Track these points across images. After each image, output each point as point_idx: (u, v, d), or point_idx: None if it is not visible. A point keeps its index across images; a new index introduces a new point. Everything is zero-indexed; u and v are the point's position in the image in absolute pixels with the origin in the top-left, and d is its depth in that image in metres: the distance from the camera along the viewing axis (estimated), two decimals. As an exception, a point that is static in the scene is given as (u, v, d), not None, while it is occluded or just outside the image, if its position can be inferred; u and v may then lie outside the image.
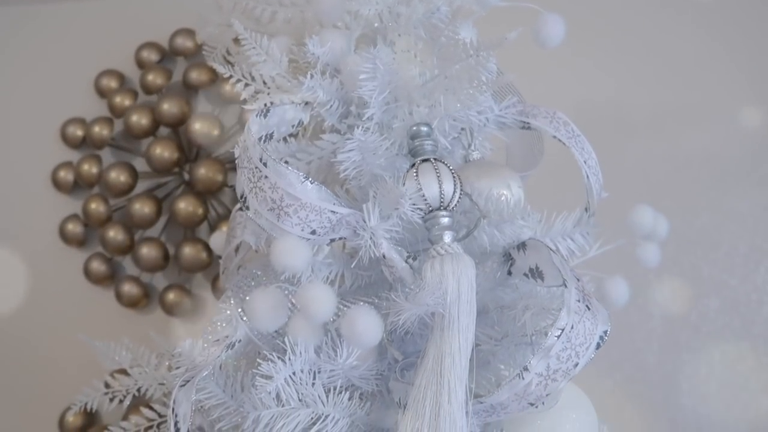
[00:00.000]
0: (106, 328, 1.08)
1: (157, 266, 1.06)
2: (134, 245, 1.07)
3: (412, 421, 0.42)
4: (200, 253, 1.05)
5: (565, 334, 0.42)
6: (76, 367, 1.10)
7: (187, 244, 1.06)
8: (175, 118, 1.05)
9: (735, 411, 1.00)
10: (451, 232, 0.47)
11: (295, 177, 0.45)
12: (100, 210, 1.08)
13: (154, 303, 1.10)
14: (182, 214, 1.04)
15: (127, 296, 1.08)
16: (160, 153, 1.04)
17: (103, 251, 1.09)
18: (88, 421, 1.06)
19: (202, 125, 1.04)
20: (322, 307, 0.41)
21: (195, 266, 1.06)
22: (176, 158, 1.05)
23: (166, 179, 1.11)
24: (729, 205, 1.04)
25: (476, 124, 0.55)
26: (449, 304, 0.43)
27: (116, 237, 1.07)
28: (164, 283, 1.10)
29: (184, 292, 1.07)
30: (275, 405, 0.46)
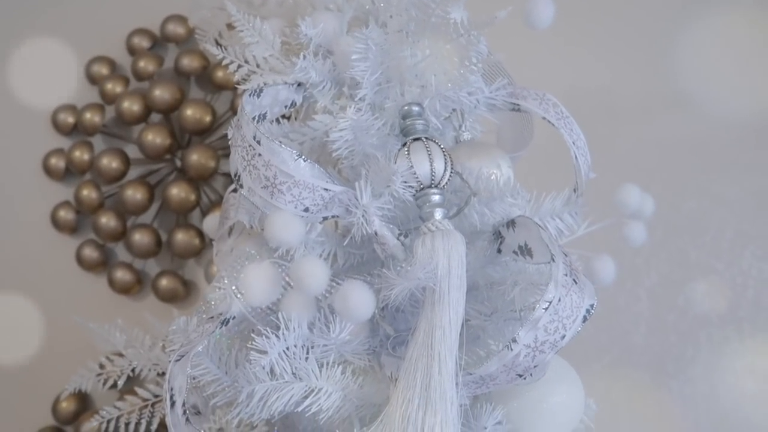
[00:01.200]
0: (99, 314, 1.08)
1: (149, 252, 1.07)
2: (127, 231, 1.07)
3: (403, 392, 0.43)
4: (193, 239, 1.06)
5: (553, 307, 0.43)
6: (69, 353, 1.10)
7: (179, 230, 1.06)
8: (167, 105, 1.05)
9: (720, 392, 1.02)
10: (442, 210, 0.48)
11: (288, 154, 0.46)
12: (92, 196, 1.08)
13: (146, 289, 1.11)
14: (175, 201, 1.04)
15: (119, 282, 1.08)
16: (152, 139, 1.04)
17: (96, 238, 1.10)
18: (82, 407, 1.07)
19: (194, 111, 1.04)
20: (316, 280, 0.42)
21: (187, 252, 1.06)
22: (168, 144, 1.05)
23: (158, 166, 1.11)
24: (716, 191, 1.05)
25: (467, 105, 0.56)
26: (440, 278, 0.44)
27: (108, 223, 1.07)
28: (157, 269, 1.10)
29: (176, 278, 1.08)
30: (269, 379, 0.47)
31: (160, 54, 1.13)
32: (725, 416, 1.01)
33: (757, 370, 1.02)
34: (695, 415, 1.02)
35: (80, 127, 1.10)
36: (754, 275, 1.03)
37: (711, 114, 1.07)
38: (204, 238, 1.07)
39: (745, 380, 1.02)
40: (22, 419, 1.07)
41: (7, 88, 1.15)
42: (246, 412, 0.48)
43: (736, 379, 1.02)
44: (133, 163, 1.08)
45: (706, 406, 1.02)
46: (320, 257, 0.51)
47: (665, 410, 1.02)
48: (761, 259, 1.03)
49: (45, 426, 1.06)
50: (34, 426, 1.06)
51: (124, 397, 0.67)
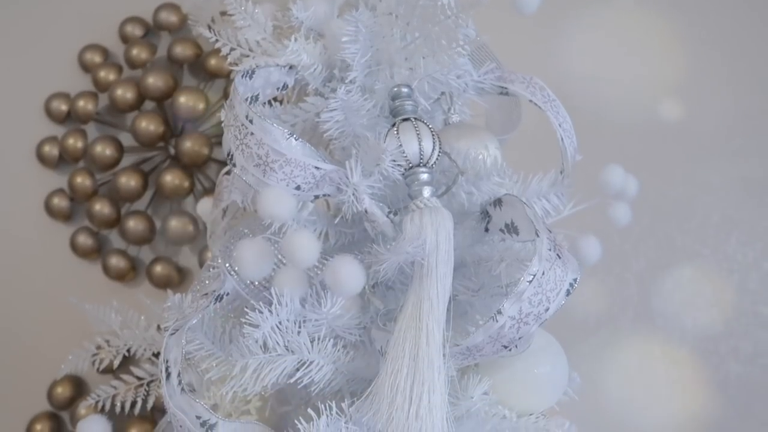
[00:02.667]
0: (94, 300, 1.09)
1: (143, 239, 1.08)
2: (121, 218, 1.08)
3: (392, 363, 0.44)
4: (187, 226, 1.06)
5: (537, 280, 0.45)
6: (64, 340, 1.11)
7: (173, 217, 1.07)
8: (161, 92, 1.06)
9: (705, 375, 1.04)
10: (430, 187, 0.49)
11: (279, 133, 0.47)
12: (86, 184, 1.09)
13: (141, 276, 1.11)
14: (168, 188, 1.05)
15: (114, 269, 1.09)
16: (145, 126, 1.05)
17: (90, 225, 1.10)
18: (77, 392, 1.08)
19: (187, 99, 1.04)
20: (307, 253, 0.43)
21: (182, 239, 1.07)
22: (162, 132, 1.06)
23: (151, 153, 1.11)
24: (702, 178, 1.07)
25: (456, 88, 0.57)
26: (428, 253, 0.45)
27: (103, 210, 1.07)
28: (151, 256, 1.11)
29: (171, 265, 1.09)
30: (262, 352, 0.48)
31: (153, 42, 1.13)
32: (711, 398, 1.03)
33: (741, 353, 1.04)
34: (681, 397, 1.04)
35: (74, 114, 1.11)
36: (738, 260, 1.05)
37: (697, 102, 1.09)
38: (198, 225, 1.08)
39: (729, 363, 1.04)
40: (17, 405, 1.08)
41: (1, 76, 1.16)
42: (240, 386, 0.50)
43: (720, 362, 1.04)
44: (126, 151, 1.09)
45: (692, 389, 1.04)
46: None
47: (652, 393, 1.04)
48: (746, 244, 1.05)
49: (40, 412, 1.07)
50: (29, 412, 1.07)
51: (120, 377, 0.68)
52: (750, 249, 1.05)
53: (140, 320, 0.70)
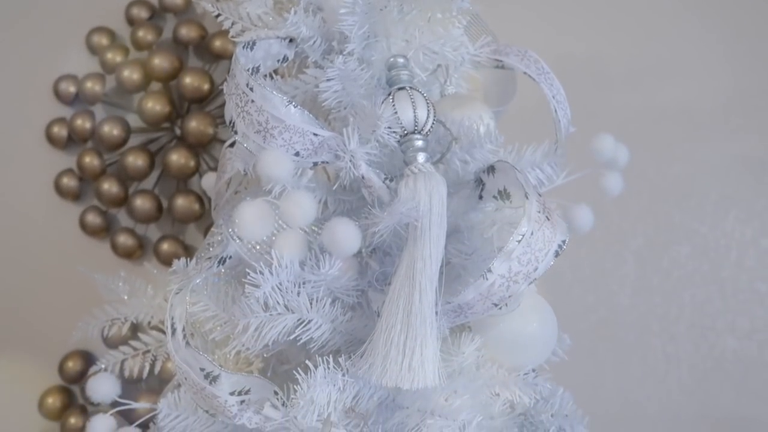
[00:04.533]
0: (100, 278, 1.12)
1: (151, 218, 1.10)
2: (128, 197, 1.11)
3: (386, 319, 0.46)
4: (193, 205, 1.09)
5: (525, 240, 0.46)
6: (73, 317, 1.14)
7: (180, 195, 1.09)
8: (166, 73, 1.08)
9: (702, 350, 1.06)
10: (425, 154, 0.51)
11: (279, 101, 0.49)
12: (94, 164, 1.11)
13: (148, 253, 1.14)
14: (175, 167, 1.07)
15: (122, 247, 1.11)
16: (152, 107, 1.07)
17: (98, 204, 1.13)
18: (87, 366, 1.11)
19: (192, 79, 1.06)
20: (304, 211, 0.45)
21: (188, 217, 1.09)
22: (168, 112, 1.08)
23: (157, 134, 1.14)
24: (701, 156, 1.08)
25: (452, 60, 0.59)
26: (421, 215, 0.47)
27: (111, 189, 1.10)
28: (158, 234, 1.14)
29: (177, 243, 1.11)
30: (263, 312, 0.50)
31: (158, 24, 1.15)
32: (707, 373, 1.05)
33: (738, 328, 1.05)
34: (678, 372, 1.06)
35: (81, 96, 1.13)
36: (736, 237, 1.06)
37: (696, 82, 1.09)
38: (204, 204, 1.10)
39: (725, 338, 1.05)
40: (29, 380, 1.11)
41: (10, 59, 1.18)
42: (242, 345, 0.52)
43: (717, 337, 1.06)
44: (133, 132, 1.11)
45: (688, 364, 1.06)
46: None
47: (650, 368, 1.06)
48: (743, 221, 1.06)
49: (52, 385, 1.11)
50: (41, 386, 1.10)
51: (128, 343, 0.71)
52: (748, 226, 1.06)
53: (147, 289, 0.72)
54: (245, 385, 0.48)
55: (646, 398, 1.06)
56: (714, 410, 1.04)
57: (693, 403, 1.05)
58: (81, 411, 1.08)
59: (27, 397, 1.11)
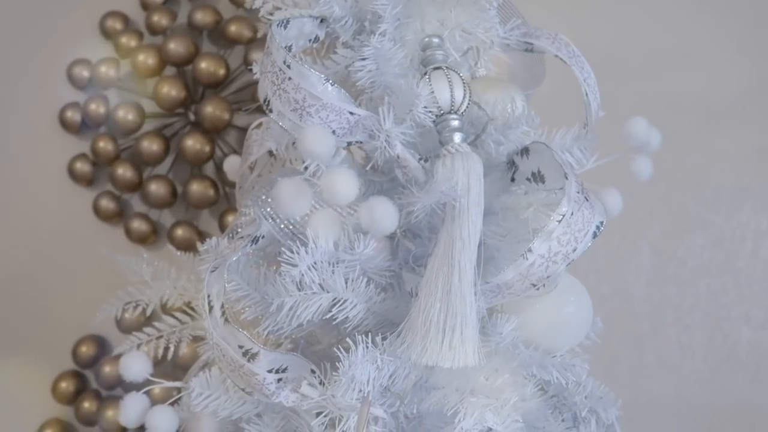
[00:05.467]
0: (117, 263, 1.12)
1: (165, 203, 1.10)
2: (143, 183, 1.10)
3: (425, 299, 0.46)
4: (207, 190, 1.08)
5: (566, 220, 0.46)
6: (87, 302, 1.14)
7: (194, 181, 1.09)
8: (182, 58, 1.07)
9: (716, 340, 1.06)
10: (461, 134, 0.51)
11: (316, 78, 0.49)
12: (108, 149, 1.10)
13: (161, 239, 1.14)
14: (190, 152, 1.07)
15: (136, 232, 1.11)
16: (167, 92, 1.06)
17: (112, 189, 1.12)
18: (101, 351, 1.11)
19: (208, 64, 1.06)
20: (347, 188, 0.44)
21: (202, 203, 1.09)
22: (183, 97, 1.07)
23: (171, 120, 1.13)
24: (717, 146, 1.08)
25: (483, 42, 0.58)
26: (459, 194, 0.47)
27: (125, 175, 1.09)
28: (172, 220, 1.13)
29: (192, 228, 1.11)
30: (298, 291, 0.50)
31: (173, 9, 1.14)
32: (721, 363, 1.05)
33: (752, 318, 1.05)
34: (692, 362, 1.06)
35: (95, 80, 1.12)
36: (752, 228, 1.06)
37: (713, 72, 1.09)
38: (218, 190, 1.10)
39: (740, 329, 1.06)
40: (43, 364, 1.11)
41: (23, 44, 1.17)
42: (275, 324, 0.52)
43: (731, 327, 1.06)
44: (147, 117, 1.10)
45: (703, 353, 1.06)
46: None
47: (664, 358, 1.06)
48: (759, 212, 1.06)
49: (65, 370, 1.10)
50: (55, 370, 1.10)
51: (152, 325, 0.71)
52: (763, 217, 1.06)
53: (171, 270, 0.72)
54: (283, 363, 0.48)
55: (661, 387, 1.06)
56: (727, 400, 1.04)
57: (707, 393, 1.05)
58: (95, 396, 1.08)
59: (40, 382, 1.11)
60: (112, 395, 1.08)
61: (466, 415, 0.46)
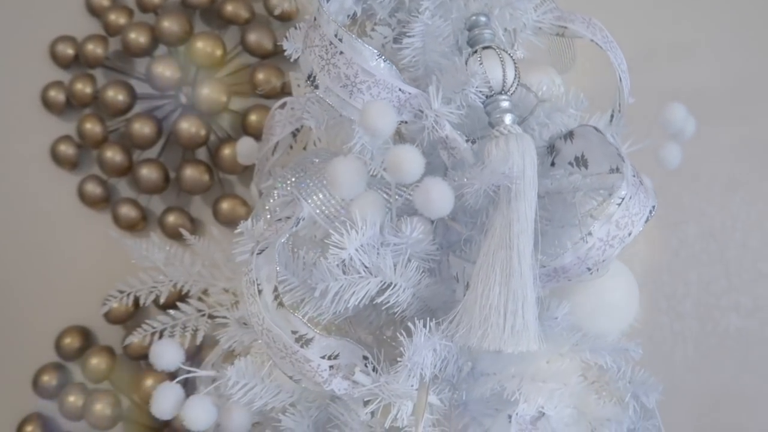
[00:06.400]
0: (104, 249, 1.07)
1: (157, 188, 1.05)
2: (132, 166, 1.06)
3: (483, 283, 0.45)
4: (202, 175, 1.05)
5: (625, 203, 0.46)
6: (71, 290, 1.09)
7: (188, 165, 1.05)
8: (176, 37, 1.03)
9: (707, 327, 1.09)
10: (512, 115, 0.50)
11: (369, 54, 0.47)
12: (95, 130, 1.05)
13: (151, 226, 1.09)
14: (185, 135, 1.03)
15: (125, 218, 1.06)
16: (161, 72, 1.02)
17: (99, 173, 1.07)
18: (86, 343, 1.06)
19: (205, 44, 1.02)
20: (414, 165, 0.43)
21: (196, 188, 1.05)
22: (178, 78, 1.03)
23: (161, 102, 1.09)
24: (710, 139, 1.09)
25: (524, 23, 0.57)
26: (515, 177, 0.46)
27: (114, 158, 1.05)
28: (161, 206, 1.09)
29: (184, 215, 1.07)
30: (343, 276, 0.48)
31: (165, -14, 1.10)
32: (712, 350, 1.08)
33: (741, 307, 1.08)
34: (684, 348, 1.08)
35: (82, 59, 1.07)
36: (742, 218, 1.09)
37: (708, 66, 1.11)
38: (213, 175, 1.06)
39: (729, 317, 1.08)
40: (24, 356, 1.06)
41: (2, 19, 1.10)
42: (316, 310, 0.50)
43: (721, 315, 1.08)
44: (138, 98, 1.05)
45: (694, 341, 1.08)
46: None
47: (657, 345, 1.08)
48: (749, 203, 1.09)
49: (48, 362, 1.05)
50: (36, 362, 1.05)
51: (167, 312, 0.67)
52: (753, 208, 1.09)
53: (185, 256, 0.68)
54: (335, 350, 0.46)
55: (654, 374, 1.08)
56: (717, 385, 1.07)
57: (698, 379, 1.08)
58: (80, 389, 1.03)
59: (21, 375, 1.05)
60: (98, 388, 1.04)
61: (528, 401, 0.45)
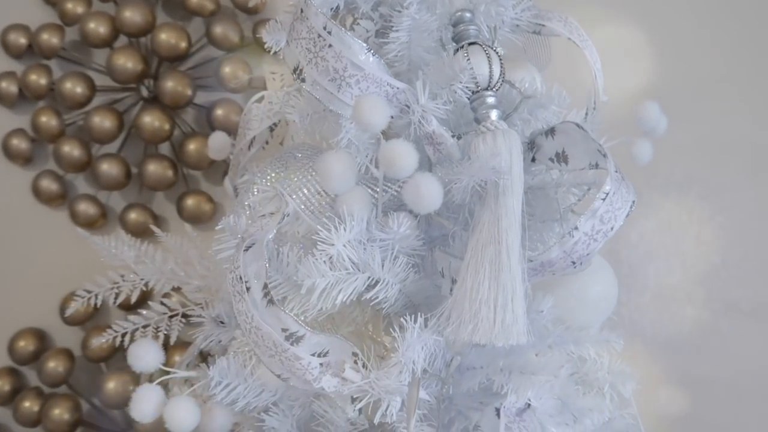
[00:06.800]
0: (61, 248, 1.03)
1: (118, 184, 1.02)
2: (92, 161, 1.02)
3: (472, 278, 0.45)
4: (166, 171, 1.02)
5: (609, 198, 0.47)
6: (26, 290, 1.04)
7: (151, 161, 1.02)
8: (138, 28, 1.00)
9: (664, 318, 1.13)
10: (498, 111, 0.50)
11: (359, 47, 0.46)
12: (51, 124, 1.01)
13: (111, 223, 1.06)
14: (148, 129, 1.00)
15: (83, 216, 1.03)
16: (123, 63, 0.98)
17: (55, 168, 1.03)
18: (41, 347, 1.02)
19: (169, 36, 0.99)
20: (407, 160, 0.43)
21: (159, 184, 1.02)
22: (141, 70, 1.00)
23: (122, 95, 1.05)
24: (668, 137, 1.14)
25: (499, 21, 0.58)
26: (504, 172, 0.46)
27: (72, 153, 1.01)
28: (121, 203, 1.06)
29: (147, 212, 1.04)
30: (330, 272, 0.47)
31: (125, -26, 1.06)
32: (668, 340, 1.12)
33: (695, 298, 1.13)
34: (643, 338, 1.12)
35: (36, 48, 1.02)
36: (697, 213, 1.13)
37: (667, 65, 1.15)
38: (177, 171, 1.03)
39: (685, 308, 1.13)
40: (-26, 360, 1.01)
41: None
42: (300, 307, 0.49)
43: (677, 306, 1.13)
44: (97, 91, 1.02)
45: (652, 330, 1.12)
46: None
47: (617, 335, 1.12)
48: (704, 198, 1.13)
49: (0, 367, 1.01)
50: (-13, 367, 1.00)
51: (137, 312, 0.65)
52: (707, 203, 1.14)
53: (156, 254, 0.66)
54: (325, 347, 0.45)
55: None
56: (673, 374, 1.11)
57: (655, 368, 1.12)
58: (36, 394, 0.99)
59: (-29, 380, 1.00)
60: (56, 393, 1.00)
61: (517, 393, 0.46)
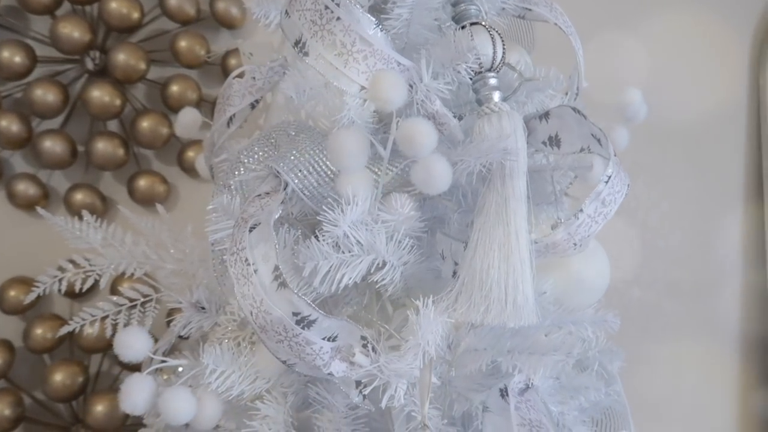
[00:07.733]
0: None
1: (62, 163, 0.95)
2: (32, 138, 0.94)
3: (480, 260, 0.45)
4: (117, 150, 0.96)
5: (611, 181, 0.48)
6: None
7: (100, 138, 0.95)
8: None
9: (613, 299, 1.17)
10: (500, 92, 0.50)
11: (367, 22, 0.45)
12: (-15, 96, 0.93)
13: (54, 204, 0.99)
14: (96, 105, 0.93)
15: (22, 196, 0.95)
16: (69, 33, 0.91)
17: (-11, 144, 0.95)
18: None
19: (119, 5, 0.92)
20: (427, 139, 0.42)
21: (109, 164, 0.96)
22: (88, 40, 0.93)
23: (64, 66, 0.98)
24: (619, 126, 1.18)
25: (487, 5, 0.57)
26: (513, 153, 0.46)
27: (10, 128, 0.93)
28: (65, 183, 0.99)
29: (94, 193, 0.97)
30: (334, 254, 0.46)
31: (68, -64, 0.98)
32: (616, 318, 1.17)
33: (642, 280, 1.19)
34: (593, 319, 1.17)
35: (-34, 13, 0.93)
36: (643, 200, 1.19)
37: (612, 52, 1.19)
38: (129, 149, 0.97)
39: (632, 289, 1.18)
40: None
41: None
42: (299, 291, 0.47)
43: (626, 287, 1.18)
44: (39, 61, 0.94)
45: (602, 312, 1.17)
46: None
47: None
48: (650, 185, 1.19)
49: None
50: None
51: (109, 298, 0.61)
52: (653, 190, 1.19)
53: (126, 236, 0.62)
54: (335, 331, 0.43)
55: (567, 345, 1.16)
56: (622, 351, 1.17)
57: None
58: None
59: None
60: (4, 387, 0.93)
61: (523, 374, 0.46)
